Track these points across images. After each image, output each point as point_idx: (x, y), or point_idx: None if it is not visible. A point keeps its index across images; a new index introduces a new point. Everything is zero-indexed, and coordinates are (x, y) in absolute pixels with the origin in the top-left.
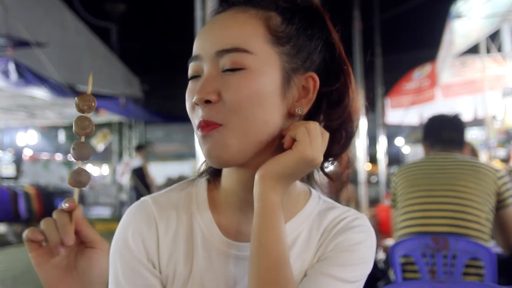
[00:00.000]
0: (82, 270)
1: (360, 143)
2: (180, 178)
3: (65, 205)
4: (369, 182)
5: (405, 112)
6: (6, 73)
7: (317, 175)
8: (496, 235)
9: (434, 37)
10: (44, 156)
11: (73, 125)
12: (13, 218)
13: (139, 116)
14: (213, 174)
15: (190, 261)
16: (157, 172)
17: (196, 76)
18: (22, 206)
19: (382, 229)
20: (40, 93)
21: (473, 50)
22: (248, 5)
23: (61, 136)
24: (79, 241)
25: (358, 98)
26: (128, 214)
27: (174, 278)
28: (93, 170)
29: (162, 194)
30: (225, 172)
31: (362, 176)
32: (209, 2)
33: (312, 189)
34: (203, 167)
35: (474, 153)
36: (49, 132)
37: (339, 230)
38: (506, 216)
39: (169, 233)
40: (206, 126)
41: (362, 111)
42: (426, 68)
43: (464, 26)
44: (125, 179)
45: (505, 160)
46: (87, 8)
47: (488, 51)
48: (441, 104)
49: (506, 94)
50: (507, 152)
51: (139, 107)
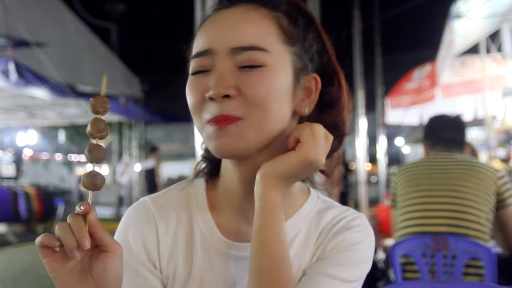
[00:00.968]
0: (98, 274)
1: (360, 143)
2: (180, 178)
3: (80, 208)
4: (369, 182)
5: (405, 112)
6: (6, 73)
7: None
8: (496, 235)
9: (434, 37)
10: (44, 156)
11: (89, 126)
12: (13, 218)
13: (139, 116)
14: (210, 174)
15: (190, 261)
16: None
17: (203, 71)
18: (22, 206)
19: (382, 229)
20: (40, 93)
21: (473, 50)
22: (258, 4)
23: (61, 136)
24: (93, 245)
25: (350, 101)
26: (128, 215)
27: (174, 278)
28: None
29: (161, 195)
30: (224, 172)
31: (362, 176)
32: (209, 2)
33: (311, 188)
34: (200, 167)
35: (474, 153)
36: (49, 132)
37: (338, 230)
38: (506, 216)
39: (169, 233)
40: (224, 121)
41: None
42: (426, 68)
43: (464, 26)
44: (125, 179)
45: (505, 160)
46: (87, 8)
47: (488, 51)
48: (441, 104)
49: (506, 94)
50: (507, 152)
51: (139, 107)
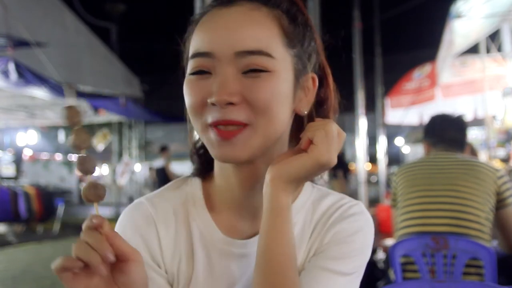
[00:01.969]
0: (125, 285)
1: (360, 143)
2: None
3: (93, 222)
4: (369, 182)
5: (405, 112)
6: (6, 73)
7: None
8: (497, 235)
9: (434, 37)
10: (44, 156)
11: (72, 139)
12: (13, 218)
13: (139, 116)
14: (205, 172)
15: (191, 260)
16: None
17: (203, 72)
18: (22, 206)
19: (382, 229)
20: (40, 93)
21: (473, 50)
22: (260, 2)
23: (61, 136)
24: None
25: (336, 100)
26: (126, 217)
27: (179, 277)
28: None
29: (157, 194)
30: (220, 171)
31: (362, 176)
32: (209, 2)
33: None
34: (193, 165)
35: (474, 153)
36: (49, 132)
37: (335, 220)
38: (506, 216)
39: (169, 233)
40: (228, 131)
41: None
42: (426, 68)
43: (464, 26)
44: (125, 179)
45: (505, 160)
46: (87, 8)
47: (488, 51)
48: (441, 104)
49: (506, 94)
50: (507, 152)
51: (139, 107)
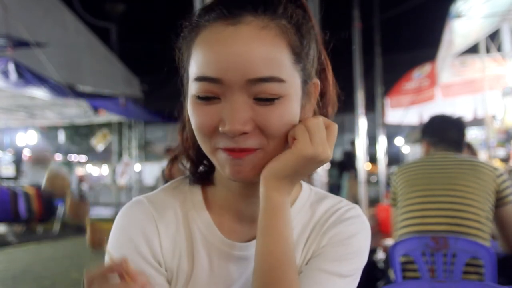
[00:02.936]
0: None
1: (360, 143)
2: None
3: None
4: (369, 182)
5: (405, 112)
6: (6, 73)
7: None
8: (497, 234)
9: (434, 37)
10: None
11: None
12: (13, 219)
13: (139, 116)
14: (206, 174)
15: (191, 259)
16: (157, 172)
17: (211, 98)
18: (22, 206)
19: (382, 229)
20: (40, 93)
21: (473, 50)
22: (263, 15)
23: (61, 136)
24: None
25: (335, 93)
26: (126, 215)
27: (178, 275)
28: (93, 170)
29: (155, 194)
30: (219, 176)
31: (362, 176)
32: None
33: (303, 182)
34: (192, 169)
35: (473, 153)
36: (49, 132)
37: (332, 223)
38: (506, 214)
39: (169, 231)
40: (241, 152)
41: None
42: (426, 68)
43: (464, 26)
44: (125, 179)
45: (505, 160)
46: (87, 8)
47: (488, 51)
48: (441, 104)
49: (506, 94)
50: (507, 152)
51: (139, 107)
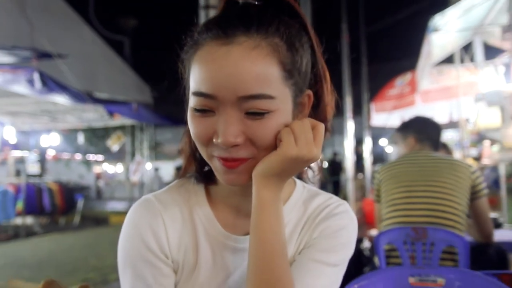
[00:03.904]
0: None
1: (348, 144)
2: None
3: None
4: (356, 179)
5: (388, 116)
6: (31, 82)
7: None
8: (471, 225)
9: (414, 49)
10: (65, 156)
11: None
12: (38, 211)
13: (150, 120)
14: (208, 174)
15: (196, 251)
16: (166, 170)
17: (207, 111)
18: (46, 201)
19: (368, 221)
20: (62, 100)
21: (449, 60)
22: (256, 34)
23: (80, 138)
24: None
25: (332, 101)
26: (135, 212)
27: (184, 266)
28: (109, 168)
29: (162, 192)
30: None
31: (350, 173)
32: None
33: (296, 179)
34: (197, 169)
35: (448, 152)
36: (70, 135)
37: (323, 218)
38: (480, 205)
39: (175, 226)
40: (233, 161)
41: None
42: (407, 76)
43: (441, 39)
44: (137, 176)
45: (477, 159)
46: (103, 23)
47: (462, 61)
48: (421, 109)
49: (478, 100)
50: (479, 151)
51: (150, 112)
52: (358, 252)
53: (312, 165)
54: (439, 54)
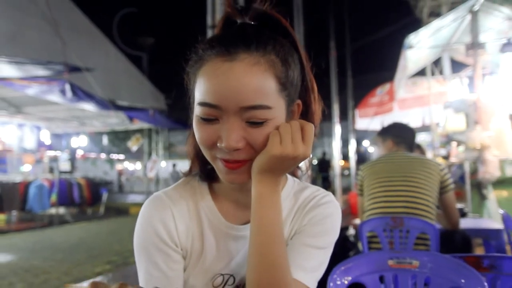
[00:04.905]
0: None
1: (336, 145)
2: None
3: None
4: (343, 175)
5: (370, 121)
6: (63, 92)
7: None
8: (440, 216)
9: (392, 63)
10: (92, 155)
11: None
12: (69, 203)
13: (164, 124)
14: (209, 171)
15: (201, 240)
16: (182, 166)
17: (212, 119)
18: (76, 194)
19: (353, 211)
20: (89, 107)
21: (421, 73)
22: (256, 51)
23: (105, 140)
24: None
25: (319, 109)
26: (148, 207)
27: (192, 253)
28: (129, 166)
29: (171, 189)
30: None
31: (337, 170)
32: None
33: (288, 174)
34: (201, 168)
35: (422, 152)
36: (96, 137)
37: (311, 207)
38: (448, 199)
39: (183, 218)
40: (235, 163)
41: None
42: (386, 86)
43: (414, 54)
44: (153, 173)
45: (446, 157)
46: (125, 41)
47: (433, 74)
48: (398, 114)
49: (446, 107)
50: (447, 151)
51: (164, 117)
52: (344, 239)
53: (301, 164)
54: (413, 68)
